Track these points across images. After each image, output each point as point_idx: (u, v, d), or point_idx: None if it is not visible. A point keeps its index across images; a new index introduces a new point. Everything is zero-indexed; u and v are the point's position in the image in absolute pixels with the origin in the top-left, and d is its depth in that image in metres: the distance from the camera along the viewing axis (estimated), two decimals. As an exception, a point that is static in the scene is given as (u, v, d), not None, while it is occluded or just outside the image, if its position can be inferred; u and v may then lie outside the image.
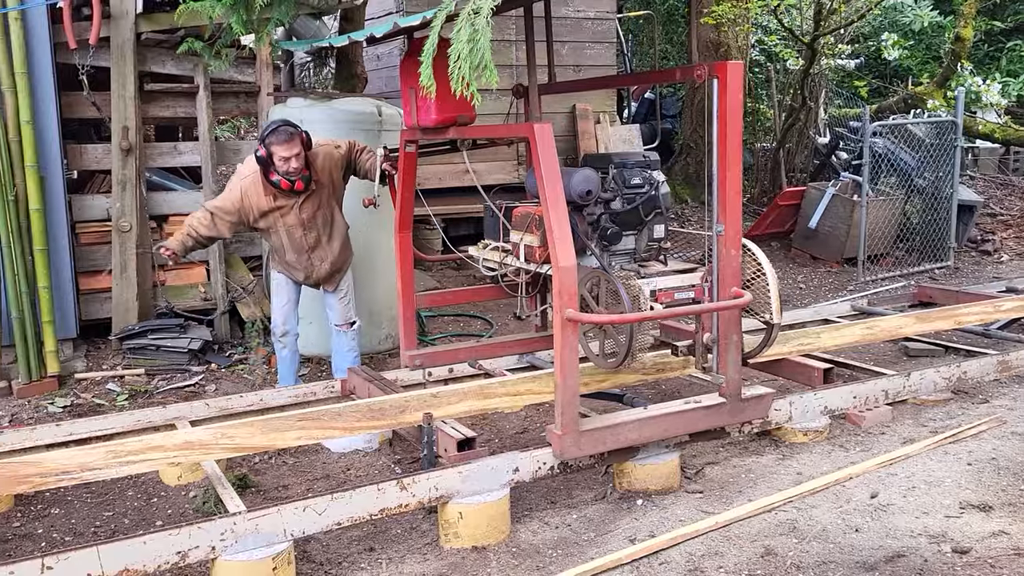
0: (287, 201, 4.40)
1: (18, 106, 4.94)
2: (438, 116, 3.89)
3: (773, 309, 3.73)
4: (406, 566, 3.14)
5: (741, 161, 3.52)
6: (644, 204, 3.84)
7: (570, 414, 3.31)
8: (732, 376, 3.65)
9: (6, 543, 3.38)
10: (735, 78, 3.40)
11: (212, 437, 3.28)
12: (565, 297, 3.20)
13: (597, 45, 8.35)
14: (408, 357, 4.42)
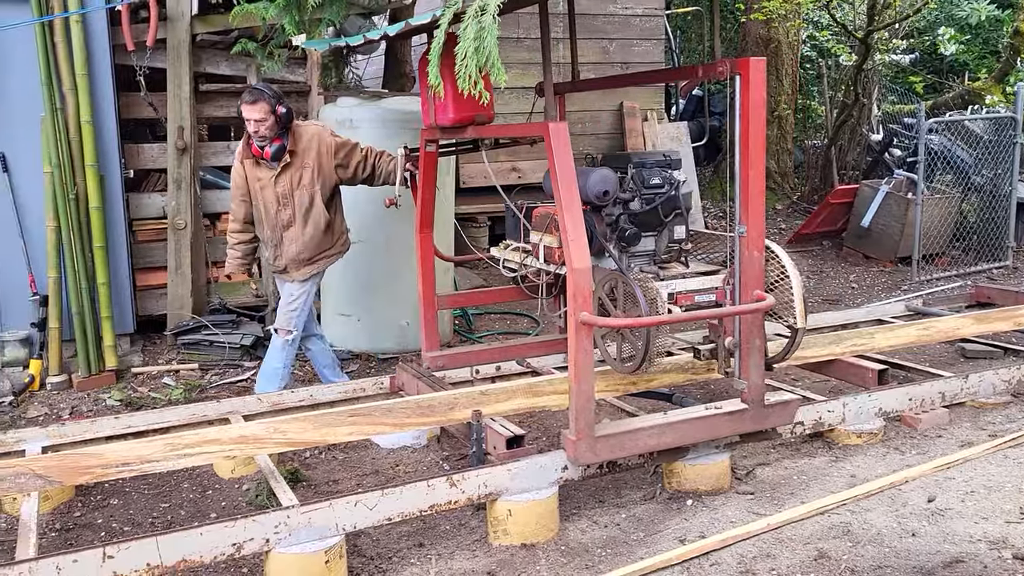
0: (266, 172, 4.34)
1: (79, 106, 5.07)
2: (455, 115, 3.87)
3: (797, 313, 3.62)
4: (455, 562, 3.16)
5: (764, 160, 3.42)
6: (664, 204, 3.75)
7: (584, 419, 3.23)
8: (754, 381, 3.54)
9: (68, 532, 3.47)
10: (758, 75, 3.30)
11: (266, 432, 3.34)
12: (579, 300, 3.13)
13: (645, 42, 8.30)
14: (429, 359, 4.41)
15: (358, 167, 4.49)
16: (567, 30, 7.88)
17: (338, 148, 4.44)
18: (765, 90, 3.36)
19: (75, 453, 3.18)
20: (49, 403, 4.81)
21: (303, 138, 4.36)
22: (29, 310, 5.05)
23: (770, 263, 3.66)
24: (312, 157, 4.37)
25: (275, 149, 4.27)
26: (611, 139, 8.20)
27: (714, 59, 3.70)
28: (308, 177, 4.36)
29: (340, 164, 4.45)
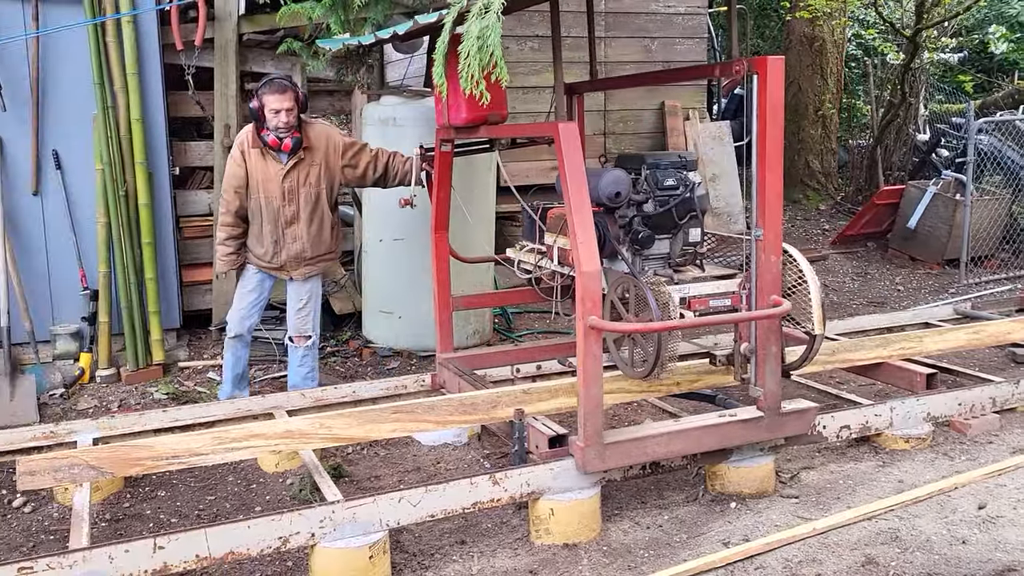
0: (274, 165, 4.27)
1: (129, 105, 5.16)
2: (468, 115, 3.84)
3: (815, 319, 3.51)
4: (497, 560, 3.17)
5: (782, 162, 3.34)
6: (678, 207, 3.68)
7: (593, 425, 3.17)
8: (770, 388, 3.46)
9: (118, 522, 3.54)
10: (775, 73, 3.21)
11: (311, 427, 3.37)
12: (588, 304, 3.08)
13: (688, 41, 8.24)
14: (443, 360, 4.39)
15: (368, 168, 4.46)
16: (607, 28, 7.90)
17: (346, 148, 4.42)
18: (783, 90, 3.28)
19: (126, 445, 3.24)
20: (98, 396, 4.91)
21: (313, 135, 4.34)
22: (80, 304, 5.15)
23: (788, 267, 3.58)
24: (320, 155, 4.35)
25: (295, 141, 4.23)
26: (652, 138, 8.15)
27: (730, 56, 3.60)
28: (316, 175, 4.34)
29: (348, 164, 4.42)
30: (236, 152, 4.31)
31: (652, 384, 3.92)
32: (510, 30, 7.52)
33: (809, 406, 3.61)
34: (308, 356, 4.57)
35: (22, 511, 3.65)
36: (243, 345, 4.55)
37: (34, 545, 3.37)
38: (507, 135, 4.19)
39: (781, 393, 3.51)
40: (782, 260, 3.45)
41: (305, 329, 4.53)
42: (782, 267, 3.46)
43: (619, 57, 7.97)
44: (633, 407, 4.58)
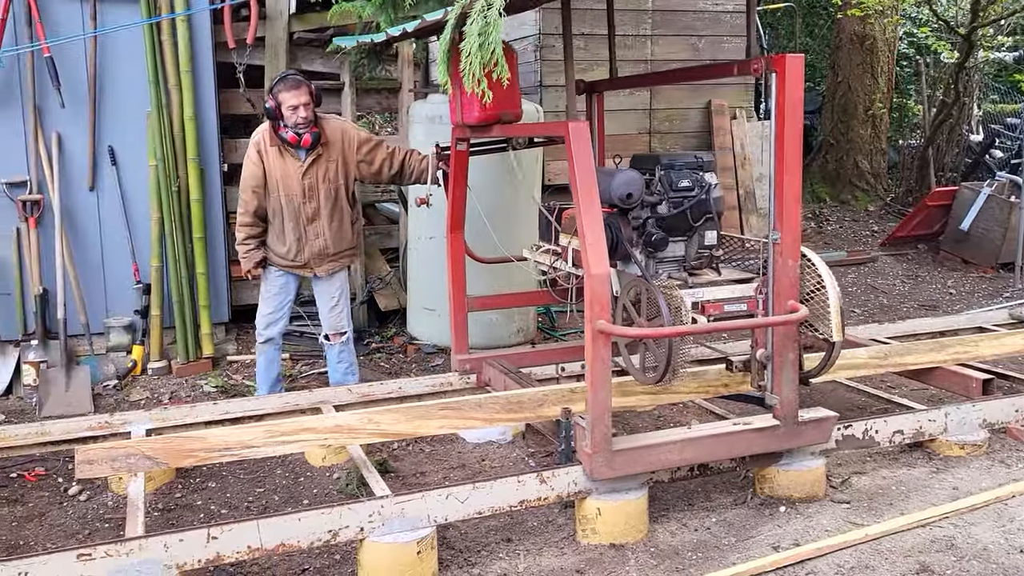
0: (293, 162, 4.28)
1: (182, 102, 5.25)
2: (481, 113, 3.80)
3: (833, 326, 3.40)
4: (543, 559, 3.16)
5: (801, 163, 3.26)
6: (693, 208, 3.60)
7: (601, 432, 3.11)
8: (787, 397, 3.37)
9: (170, 512, 3.60)
10: (794, 72, 3.14)
11: (360, 422, 3.40)
12: (596, 308, 3.02)
13: (735, 39, 8.14)
14: (458, 361, 4.37)
15: (383, 164, 4.45)
16: (654, 26, 7.84)
17: (362, 143, 4.42)
18: (802, 89, 3.19)
19: (180, 436, 3.30)
20: (150, 387, 5.01)
21: (329, 130, 4.34)
22: (133, 298, 5.25)
23: (806, 272, 3.48)
24: (337, 151, 4.35)
25: (314, 136, 4.24)
26: (698, 138, 8.08)
27: (748, 54, 3.52)
28: (334, 170, 4.35)
29: (364, 160, 4.42)
30: (252, 152, 4.32)
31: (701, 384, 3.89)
32: (555, 28, 7.51)
33: (828, 415, 3.49)
34: (345, 351, 4.61)
35: (78, 499, 3.73)
36: (275, 349, 4.57)
37: (89, 532, 3.45)
38: (519, 134, 4.14)
39: (798, 401, 3.41)
40: (800, 264, 3.36)
41: (340, 326, 4.56)
42: (800, 271, 3.38)
43: (666, 55, 7.90)
44: (679, 408, 4.55)
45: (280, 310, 4.52)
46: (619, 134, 7.76)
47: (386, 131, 10.79)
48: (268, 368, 4.57)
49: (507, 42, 4.01)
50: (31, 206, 5.04)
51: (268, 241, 4.44)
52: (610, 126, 7.69)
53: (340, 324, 4.56)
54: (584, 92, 4.63)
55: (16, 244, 5.05)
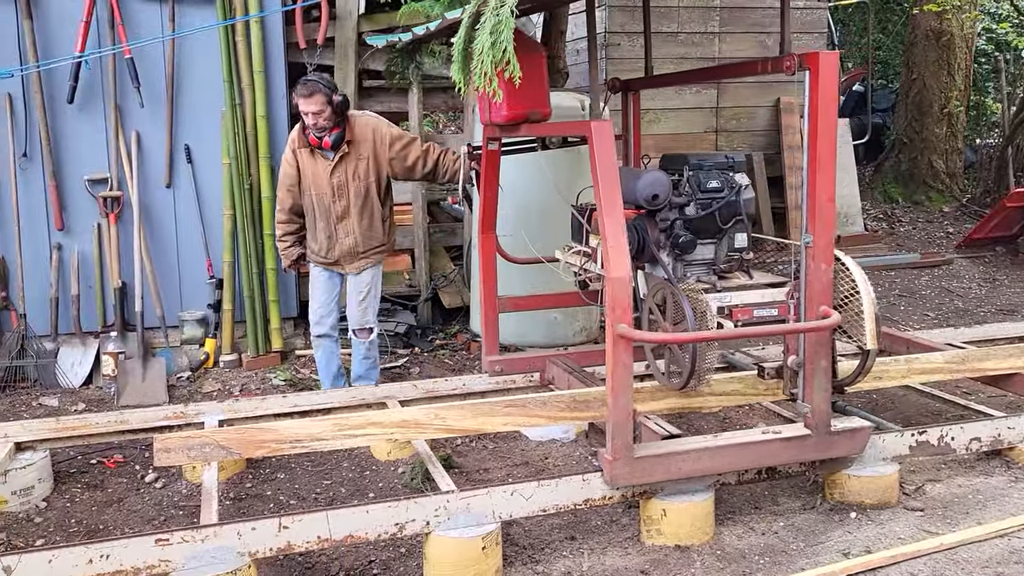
0: (322, 161, 4.35)
1: (255, 101, 5.37)
2: (509, 112, 3.76)
3: (867, 333, 3.25)
4: (607, 558, 3.15)
5: (835, 163, 3.13)
6: (722, 210, 3.49)
7: (622, 438, 3.03)
8: (819, 406, 3.24)
9: (240, 501, 3.69)
10: (828, 69, 3.02)
11: (426, 417, 3.43)
12: (617, 311, 2.92)
13: (805, 36, 8.00)
14: (488, 362, 4.34)
15: (417, 162, 4.47)
16: (722, 23, 7.74)
17: (394, 140, 4.43)
18: (837, 86, 3.07)
19: (253, 427, 3.38)
20: (222, 379, 5.13)
21: (359, 128, 4.37)
22: (206, 292, 5.41)
23: (840, 277, 3.34)
24: (368, 148, 4.38)
25: (334, 138, 4.29)
26: (766, 136, 7.96)
27: (782, 51, 3.41)
28: (364, 168, 4.37)
29: (396, 157, 4.43)
30: (288, 152, 4.43)
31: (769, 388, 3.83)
32: (620, 26, 7.48)
33: (863, 425, 3.35)
34: (372, 348, 4.64)
35: (153, 486, 3.85)
36: (331, 342, 4.63)
37: (165, 519, 3.56)
38: (546, 133, 4.09)
39: (831, 411, 3.29)
40: (834, 268, 3.24)
41: (366, 322, 4.58)
42: (834, 276, 3.26)
43: (733, 53, 7.81)
44: (744, 410, 4.49)
45: (327, 305, 4.58)
46: (684, 132, 7.70)
47: (449, 130, 10.86)
48: (328, 362, 4.64)
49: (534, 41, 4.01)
50: (111, 202, 5.22)
51: (307, 238, 4.53)
52: (674, 124, 7.68)
53: (366, 320, 4.58)
54: (620, 91, 4.56)
55: (97, 239, 5.24)
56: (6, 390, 4.93)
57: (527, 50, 3.89)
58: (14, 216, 5.08)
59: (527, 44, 3.93)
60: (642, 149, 7.52)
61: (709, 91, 7.70)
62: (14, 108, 5.06)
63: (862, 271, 3.33)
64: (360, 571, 3.12)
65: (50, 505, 3.67)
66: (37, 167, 5.13)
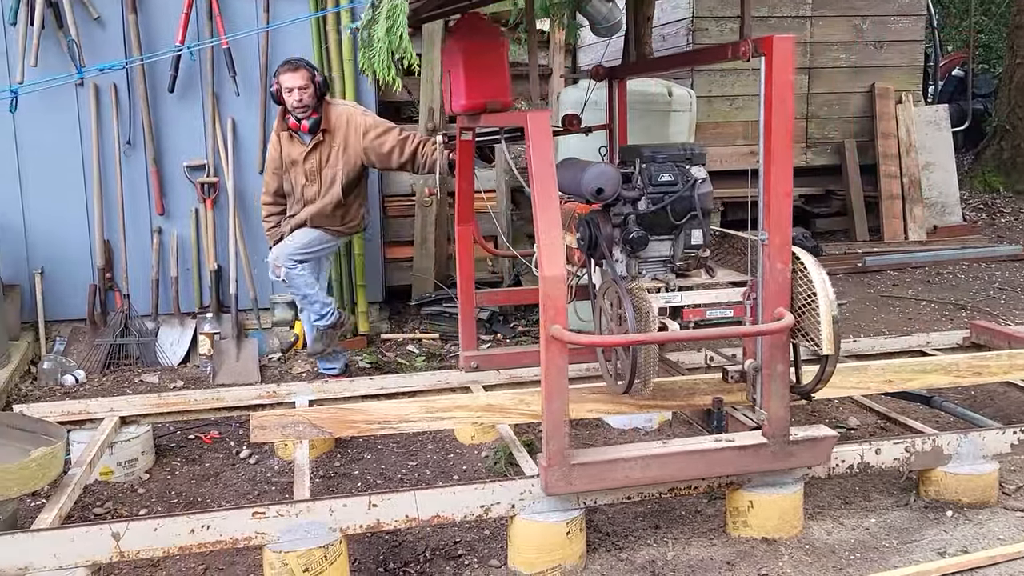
0: (298, 148, 4.44)
1: (344, 90, 5.48)
2: (467, 101, 3.69)
3: (823, 338, 3.00)
4: (692, 548, 3.13)
5: (791, 154, 2.93)
6: (675, 205, 3.25)
7: (557, 443, 2.87)
8: (776, 413, 3.05)
9: (330, 479, 3.80)
10: (782, 54, 2.84)
11: (511, 402, 3.46)
12: (550, 312, 2.79)
13: (903, 19, 7.71)
14: (464, 358, 4.25)
15: (393, 151, 4.45)
16: (814, 7, 7.52)
17: (368, 129, 4.43)
18: (792, 73, 2.89)
19: (343, 408, 3.47)
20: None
21: (334, 117, 4.41)
22: (296, 276, 5.55)
23: (798, 277, 3.12)
24: (341, 137, 4.41)
25: (312, 122, 4.36)
26: (860, 123, 7.72)
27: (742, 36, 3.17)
28: (335, 156, 4.43)
29: (370, 146, 4.43)
30: (273, 136, 4.53)
31: (862, 379, 3.73)
32: (709, 10, 7.35)
33: (826, 434, 3.13)
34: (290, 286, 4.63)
35: (247, 462, 4.00)
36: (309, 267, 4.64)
37: (258, 494, 3.68)
38: (498, 124, 3.94)
39: (789, 418, 3.10)
40: (791, 268, 3.05)
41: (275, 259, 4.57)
42: (792, 276, 3.08)
43: (825, 37, 7.59)
44: (834, 404, 4.38)
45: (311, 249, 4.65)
46: (772, 120, 7.52)
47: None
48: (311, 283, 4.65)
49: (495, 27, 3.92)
50: (208, 188, 5.41)
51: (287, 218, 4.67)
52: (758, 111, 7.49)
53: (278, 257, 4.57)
54: (603, 78, 4.45)
55: (195, 223, 5.44)
56: (110, 366, 5.17)
57: (485, 37, 3.83)
58: (119, 201, 5.31)
59: (485, 31, 3.87)
60: (730, 136, 7.43)
61: (800, 76, 7.50)
62: (119, 98, 5.29)
63: (822, 271, 3.09)
64: (445, 551, 3.18)
65: (152, 477, 3.84)
66: (140, 154, 5.36)
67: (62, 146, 5.27)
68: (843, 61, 7.65)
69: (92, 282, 5.33)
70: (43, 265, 5.31)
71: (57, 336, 5.31)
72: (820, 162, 7.77)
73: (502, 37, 3.89)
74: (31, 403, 4.17)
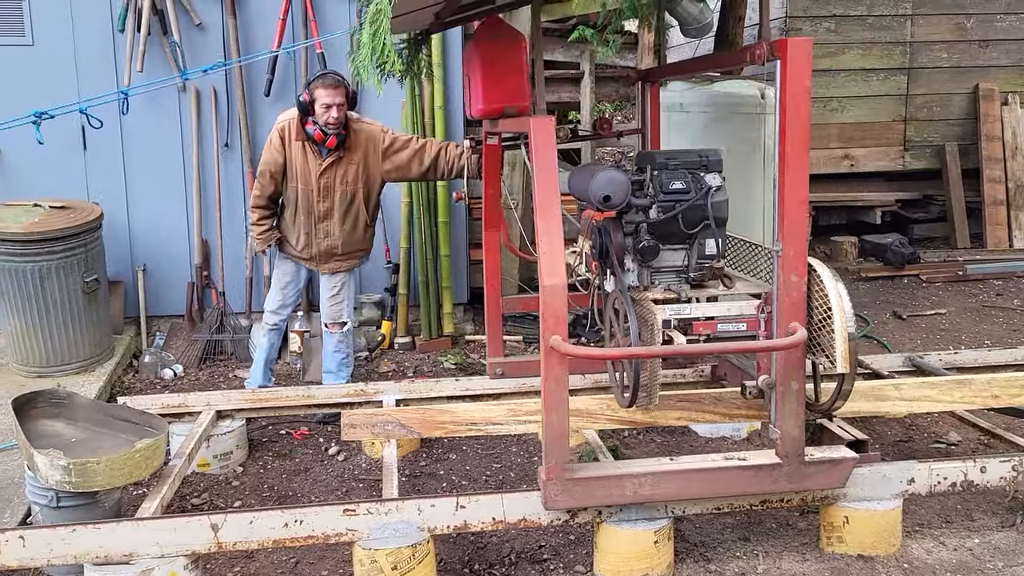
0: (313, 159, 4.24)
1: (433, 93, 5.54)
2: (484, 106, 3.62)
3: (838, 355, 2.88)
4: (784, 563, 3.05)
5: (807, 161, 2.80)
6: (686, 213, 3.13)
7: (557, 456, 2.80)
8: (790, 432, 2.92)
9: (416, 478, 3.84)
10: (799, 58, 2.72)
11: (598, 407, 3.44)
12: (550, 322, 2.72)
13: (1011, 16, 7.37)
14: (490, 365, 4.15)
15: (412, 161, 4.35)
16: (915, 4, 7.25)
17: (387, 148, 4.33)
18: (809, 77, 2.74)
19: (431, 408, 3.51)
20: (396, 361, 5.35)
21: (355, 135, 4.28)
22: (384, 276, 5.64)
23: (814, 290, 2.96)
24: (360, 155, 4.29)
25: (340, 139, 4.20)
26: (963, 126, 7.41)
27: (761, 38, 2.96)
28: (353, 174, 4.29)
29: (388, 162, 4.34)
30: (276, 138, 4.30)
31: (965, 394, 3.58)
32: (804, 10, 7.17)
33: (845, 456, 2.98)
34: (343, 342, 4.58)
35: (336, 459, 4.07)
36: (278, 334, 4.63)
37: (347, 491, 3.75)
38: (509, 129, 3.85)
39: (804, 438, 2.96)
40: (806, 281, 2.90)
41: (339, 316, 4.54)
42: (809, 290, 2.92)
43: (927, 36, 7.31)
44: (933, 418, 4.22)
45: (288, 299, 4.58)
46: (868, 122, 7.30)
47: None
48: (271, 349, 4.64)
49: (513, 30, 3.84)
50: (301, 189, 5.53)
51: (282, 228, 4.46)
52: (859, 113, 7.29)
53: (339, 315, 4.54)
54: (637, 81, 4.31)
55: (287, 224, 5.57)
56: (206, 361, 5.35)
57: (504, 42, 3.76)
58: (216, 202, 5.49)
59: (503, 33, 3.81)
60: (822, 139, 7.23)
61: (898, 77, 7.24)
62: (218, 102, 5.47)
63: (839, 284, 2.95)
64: (530, 555, 3.18)
65: (245, 470, 3.96)
66: (236, 156, 5.52)
67: (164, 148, 5.48)
68: (945, 61, 7.35)
69: (190, 280, 5.53)
70: (145, 262, 5.53)
71: (157, 331, 5.52)
72: (919, 166, 7.49)
73: (521, 41, 3.82)
74: (133, 395, 4.36)
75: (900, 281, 6.68)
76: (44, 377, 4.74)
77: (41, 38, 5.32)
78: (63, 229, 4.71)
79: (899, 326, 5.78)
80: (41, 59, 5.30)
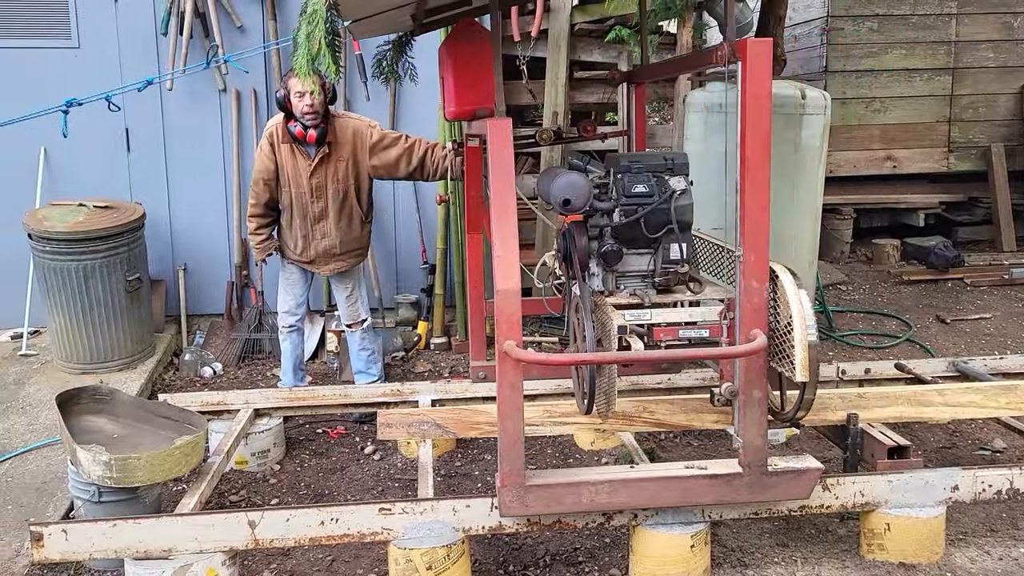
0: (303, 160, 4.22)
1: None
2: (456, 108, 3.61)
3: (797, 363, 2.78)
4: (823, 569, 3.01)
5: (768, 167, 2.70)
6: (649, 217, 3.04)
7: (511, 463, 2.76)
8: (752, 441, 2.85)
9: (451, 479, 3.85)
10: (759, 59, 2.63)
11: (635, 410, 3.42)
12: (504, 327, 2.68)
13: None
14: (473, 368, 4.10)
15: (400, 160, 4.31)
16: (961, 3, 7.12)
17: (375, 143, 4.30)
18: (770, 79, 2.66)
19: (467, 409, 3.51)
20: (432, 361, 5.37)
21: (340, 130, 4.26)
22: (420, 277, 5.67)
23: (778, 297, 2.87)
24: (348, 150, 4.27)
25: (319, 132, 4.17)
26: (1009, 126, 7.26)
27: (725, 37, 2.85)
28: (343, 170, 4.27)
29: (376, 158, 4.31)
30: (265, 144, 4.29)
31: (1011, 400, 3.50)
32: (845, 9, 7.06)
33: (810, 466, 2.91)
34: (367, 339, 4.60)
35: (372, 458, 4.10)
36: (299, 334, 4.64)
37: (382, 490, 3.77)
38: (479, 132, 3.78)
39: (766, 447, 2.89)
40: (768, 287, 2.81)
41: (356, 315, 4.57)
42: (775, 296, 2.84)
43: (972, 36, 7.17)
44: (977, 424, 4.13)
45: (299, 299, 4.57)
46: (910, 123, 7.18)
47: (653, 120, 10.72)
48: (294, 352, 4.64)
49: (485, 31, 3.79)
50: (338, 190, 5.58)
51: (280, 235, 4.47)
52: (902, 114, 7.17)
53: (357, 314, 4.56)
54: (622, 83, 4.24)
55: (325, 224, 5.61)
56: (245, 360, 5.41)
57: (476, 45, 3.75)
58: (255, 202, 5.55)
59: (476, 39, 3.79)
60: (864, 140, 7.13)
61: (942, 77, 7.11)
62: (258, 103, 5.53)
63: (800, 292, 2.85)
64: (565, 557, 3.17)
65: (283, 468, 3.99)
66: (275, 157, 5.58)
67: (205, 149, 5.56)
68: (991, 61, 7.21)
69: (229, 279, 5.60)
70: (186, 262, 5.61)
71: (197, 329, 5.60)
72: (963, 168, 7.35)
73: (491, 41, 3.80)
74: (174, 392, 4.42)
75: (943, 285, 6.55)
76: (87, 374, 4.84)
77: (86, 41, 5.42)
78: (107, 228, 4.80)
79: (942, 330, 5.67)
80: (86, 61, 5.40)
